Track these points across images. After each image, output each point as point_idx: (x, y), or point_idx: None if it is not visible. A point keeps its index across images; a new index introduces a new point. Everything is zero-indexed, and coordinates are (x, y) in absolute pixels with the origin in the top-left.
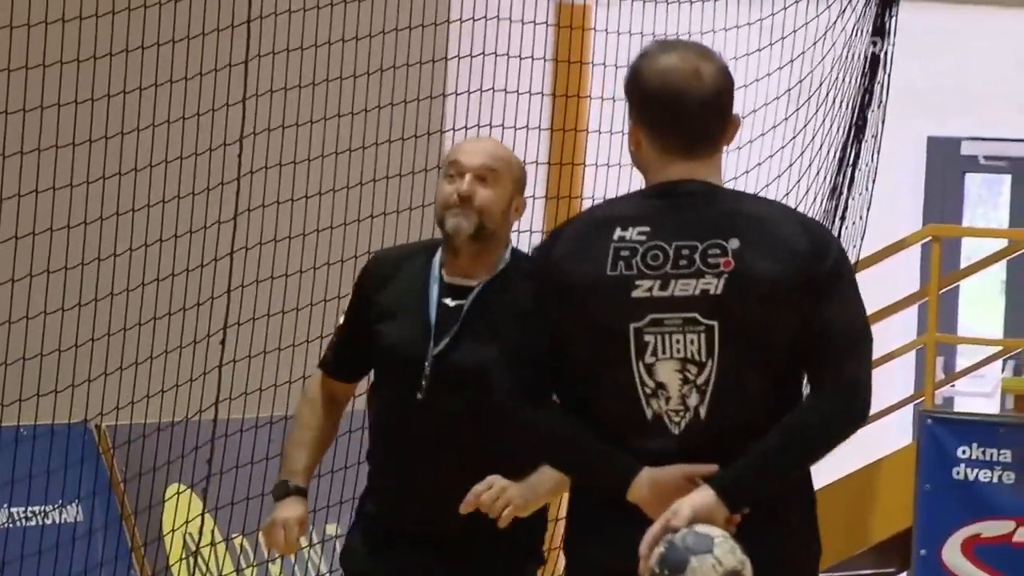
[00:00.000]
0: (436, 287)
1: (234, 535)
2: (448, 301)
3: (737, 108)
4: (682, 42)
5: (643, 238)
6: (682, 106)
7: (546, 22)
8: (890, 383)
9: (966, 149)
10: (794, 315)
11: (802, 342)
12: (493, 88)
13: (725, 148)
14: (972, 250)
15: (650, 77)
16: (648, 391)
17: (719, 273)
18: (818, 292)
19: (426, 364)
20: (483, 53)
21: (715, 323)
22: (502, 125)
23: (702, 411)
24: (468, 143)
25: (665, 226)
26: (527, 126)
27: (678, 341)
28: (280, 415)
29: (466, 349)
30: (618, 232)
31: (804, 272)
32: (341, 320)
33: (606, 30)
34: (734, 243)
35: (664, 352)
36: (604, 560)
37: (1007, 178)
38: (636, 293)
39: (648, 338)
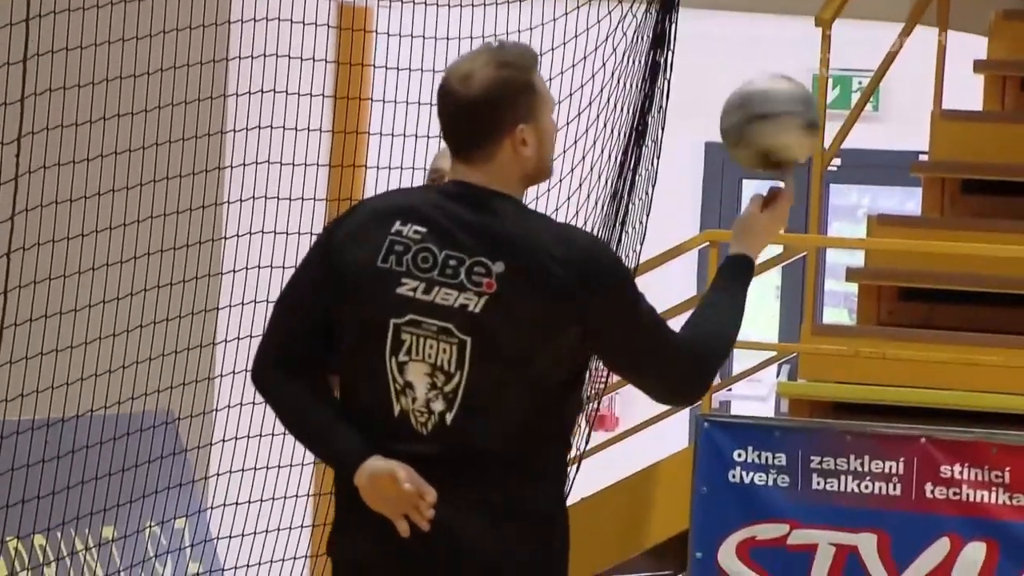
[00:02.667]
0: None
1: (8, 538)
2: None
3: None
4: (500, 46)
5: (418, 237)
6: (448, 108)
7: (328, 24)
8: None
9: None
10: (556, 344)
11: (597, 353)
12: (275, 89)
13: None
14: None
15: (444, 76)
16: (398, 388)
17: (480, 293)
18: (595, 320)
19: None
20: (264, 54)
21: (468, 339)
22: (283, 127)
23: (448, 418)
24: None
25: (440, 230)
26: (308, 127)
27: (431, 347)
28: (57, 417)
29: None
30: (397, 225)
31: (573, 305)
32: None
33: (388, 32)
34: (499, 266)
35: (417, 354)
36: (357, 544)
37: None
38: (400, 290)
39: (405, 337)
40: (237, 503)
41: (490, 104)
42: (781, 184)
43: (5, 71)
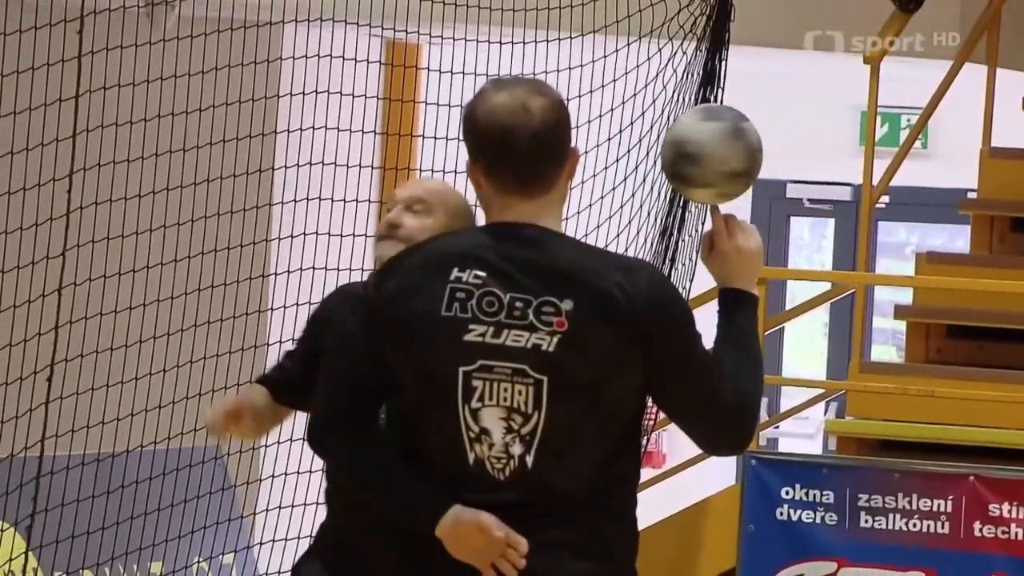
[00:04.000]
0: None
1: (58, 573)
2: None
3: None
4: (516, 79)
5: (479, 282)
6: (511, 142)
7: (379, 60)
8: None
9: (791, 192)
10: (631, 376)
11: (659, 400)
12: (325, 126)
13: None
14: (796, 292)
15: (481, 115)
16: (472, 435)
17: (552, 332)
18: (660, 356)
19: None
20: (315, 91)
21: (544, 378)
22: (334, 163)
23: (528, 460)
24: (410, 180)
25: (500, 273)
26: (360, 164)
27: (506, 390)
28: (107, 452)
29: None
30: (455, 272)
31: (638, 332)
32: None
33: (439, 69)
34: (567, 304)
35: (491, 399)
36: None
37: (831, 221)
38: (468, 337)
39: (476, 383)
40: (286, 539)
41: (559, 131)
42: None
43: (56, 107)
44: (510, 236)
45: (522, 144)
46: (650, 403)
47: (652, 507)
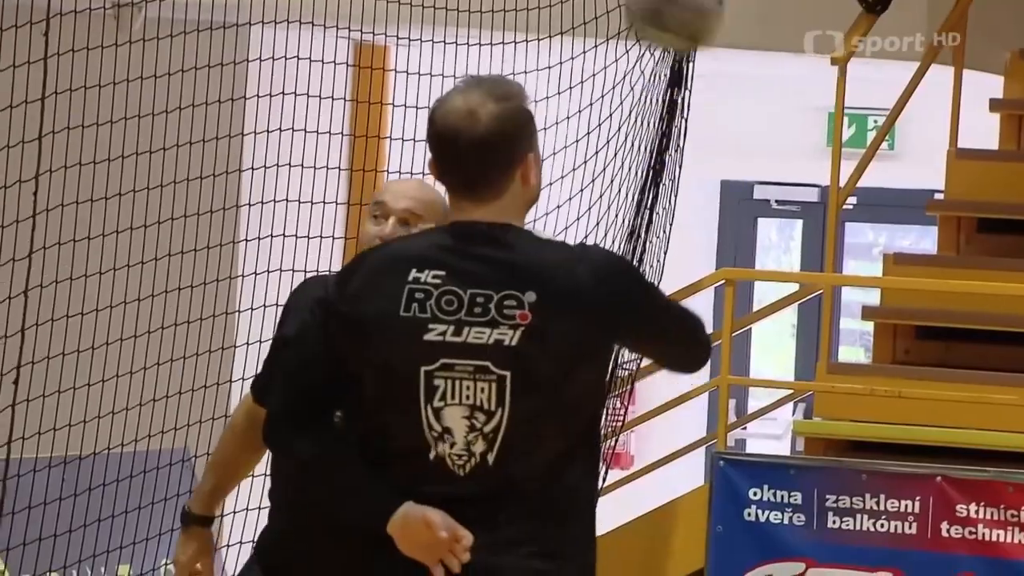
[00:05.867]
0: None
1: None
2: None
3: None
4: (483, 81)
5: (438, 282)
6: (455, 147)
7: (345, 62)
8: (683, 425)
9: (759, 193)
10: (593, 368)
11: (642, 352)
12: (292, 127)
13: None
14: (764, 293)
15: (437, 118)
16: (435, 435)
17: (515, 325)
18: (635, 334)
19: None
20: (283, 92)
21: (507, 374)
22: (301, 165)
23: (489, 458)
24: (395, 184)
25: (459, 272)
26: (327, 166)
27: (468, 388)
28: (74, 455)
29: None
30: (413, 273)
31: (608, 320)
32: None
33: (407, 71)
34: (530, 296)
35: (453, 398)
36: None
37: (799, 223)
38: (428, 336)
39: (438, 382)
40: (253, 541)
41: (505, 139)
42: None
43: (22, 110)
44: (468, 235)
45: (465, 150)
46: (617, 404)
47: (620, 508)
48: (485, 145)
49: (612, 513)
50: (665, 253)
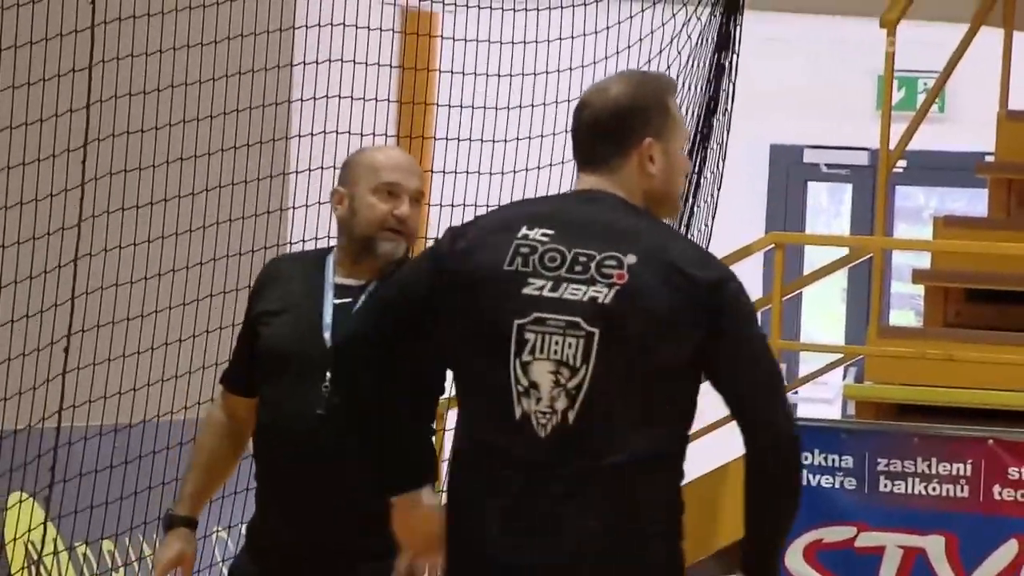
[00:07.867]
0: (331, 289)
1: (77, 544)
2: (341, 300)
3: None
4: (639, 71)
5: (545, 239)
6: (578, 118)
7: (392, 29)
8: None
9: (808, 157)
10: (680, 343)
11: (710, 375)
12: (340, 94)
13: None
14: (814, 258)
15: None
16: (521, 389)
17: (611, 284)
18: (718, 330)
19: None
20: (329, 59)
21: (596, 331)
22: (348, 131)
23: (571, 416)
24: (396, 160)
25: (568, 231)
26: (374, 132)
27: (556, 343)
28: (124, 423)
29: None
30: (523, 230)
31: (698, 306)
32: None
33: (453, 37)
34: (631, 258)
35: (541, 352)
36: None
37: (848, 187)
38: (527, 290)
39: (529, 336)
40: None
41: (623, 113)
42: None
43: (70, 78)
44: (586, 200)
45: (584, 121)
46: None
47: None
48: (598, 118)
49: None
50: (713, 218)
